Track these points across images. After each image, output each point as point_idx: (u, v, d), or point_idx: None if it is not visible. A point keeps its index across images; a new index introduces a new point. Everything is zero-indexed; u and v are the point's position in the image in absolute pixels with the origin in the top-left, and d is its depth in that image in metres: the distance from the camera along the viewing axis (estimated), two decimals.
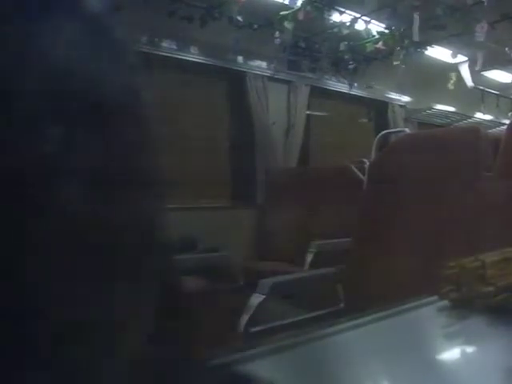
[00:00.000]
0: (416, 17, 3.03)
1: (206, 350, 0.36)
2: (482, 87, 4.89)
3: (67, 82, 0.20)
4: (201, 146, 3.39)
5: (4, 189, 0.17)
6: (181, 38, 3.13)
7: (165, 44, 3.10)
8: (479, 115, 5.41)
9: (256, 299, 1.19)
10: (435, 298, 0.65)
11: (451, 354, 0.56)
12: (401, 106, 4.75)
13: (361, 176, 2.64)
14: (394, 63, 3.64)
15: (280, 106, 3.72)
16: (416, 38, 3.13)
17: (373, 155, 2.97)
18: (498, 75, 4.83)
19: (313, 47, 3.71)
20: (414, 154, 1.34)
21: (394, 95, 4.67)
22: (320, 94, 4.05)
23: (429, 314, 0.64)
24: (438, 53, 3.98)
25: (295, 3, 3.05)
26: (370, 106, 4.64)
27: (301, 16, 3.05)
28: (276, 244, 3.03)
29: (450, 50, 3.79)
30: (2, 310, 0.17)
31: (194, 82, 3.41)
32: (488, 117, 5.47)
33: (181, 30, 2.98)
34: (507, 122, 2.65)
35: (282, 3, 3.09)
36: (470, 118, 5.40)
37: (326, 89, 4.11)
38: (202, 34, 3.05)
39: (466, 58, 3.98)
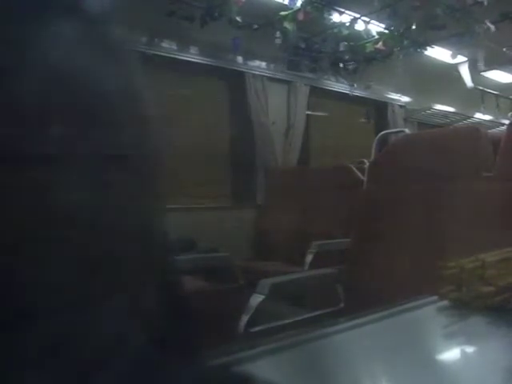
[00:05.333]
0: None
1: (206, 350, 0.36)
2: (481, 87, 4.89)
3: (66, 83, 0.20)
4: (201, 146, 3.39)
5: (5, 188, 0.17)
6: (181, 38, 3.13)
7: (165, 44, 3.09)
8: (479, 115, 5.42)
9: (256, 299, 1.19)
10: (435, 298, 0.65)
11: (451, 354, 0.56)
12: (400, 106, 4.76)
13: (360, 176, 2.64)
14: (394, 63, 3.65)
15: (280, 106, 3.72)
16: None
17: (372, 155, 2.97)
18: (497, 75, 4.83)
19: (312, 47, 3.70)
20: (414, 155, 1.34)
21: (393, 95, 4.67)
22: (320, 94, 4.05)
23: (429, 313, 0.64)
24: (438, 53, 3.98)
25: (295, 3, 3.05)
26: (369, 106, 4.64)
27: (300, 16, 3.05)
28: (276, 244, 3.02)
29: (450, 50, 3.79)
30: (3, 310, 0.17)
31: (193, 83, 3.41)
32: (488, 117, 5.47)
33: (181, 30, 2.98)
34: (507, 122, 2.65)
35: (282, 3, 3.09)
36: (470, 118, 5.41)
37: (326, 89, 4.11)
38: (202, 34, 3.05)
39: (466, 59, 3.98)
